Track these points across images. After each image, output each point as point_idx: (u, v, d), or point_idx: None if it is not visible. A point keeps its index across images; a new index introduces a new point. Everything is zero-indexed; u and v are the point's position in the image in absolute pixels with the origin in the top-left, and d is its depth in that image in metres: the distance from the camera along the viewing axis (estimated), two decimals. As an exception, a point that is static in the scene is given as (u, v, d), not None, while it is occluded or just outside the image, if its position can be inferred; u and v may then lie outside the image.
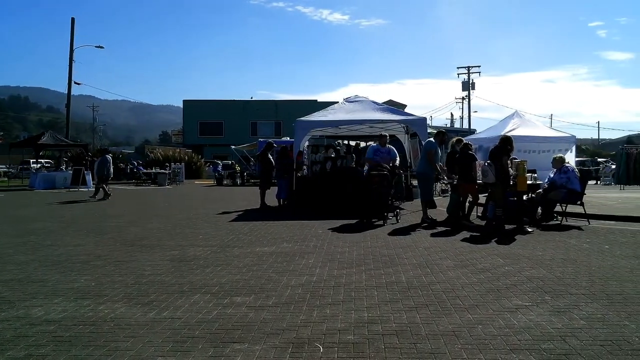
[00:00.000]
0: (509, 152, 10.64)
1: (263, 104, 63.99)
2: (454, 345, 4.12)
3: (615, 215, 12.41)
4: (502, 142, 10.68)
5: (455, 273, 6.67)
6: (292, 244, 9.02)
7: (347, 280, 6.35)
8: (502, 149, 10.57)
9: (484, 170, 10.42)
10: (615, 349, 4.02)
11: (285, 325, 4.65)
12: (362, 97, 17.66)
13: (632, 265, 7.03)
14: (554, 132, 22.96)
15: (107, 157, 20.96)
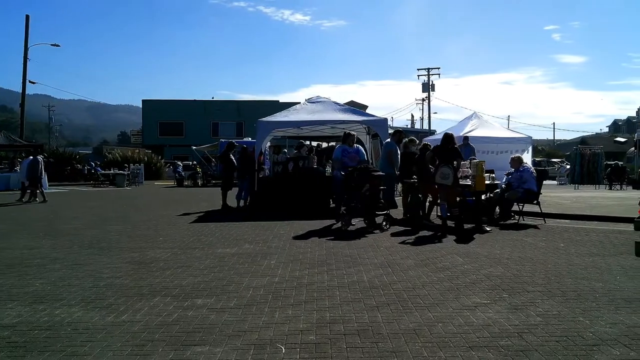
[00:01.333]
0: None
1: (224, 104, 63.52)
2: (415, 344, 4.17)
3: (570, 214, 12.76)
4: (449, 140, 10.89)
5: (415, 272, 6.74)
6: (254, 245, 8.98)
7: (309, 280, 6.36)
8: (457, 150, 10.85)
9: (446, 172, 10.43)
10: (570, 345, 4.13)
11: (247, 327, 4.62)
12: (324, 97, 17.70)
13: (586, 263, 7.24)
14: (511, 133, 23.51)
15: (38, 159, 20.07)
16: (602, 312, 4.97)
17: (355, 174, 10.94)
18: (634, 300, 5.37)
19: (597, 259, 7.53)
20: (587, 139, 70.03)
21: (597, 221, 11.88)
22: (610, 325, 4.57)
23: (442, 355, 3.94)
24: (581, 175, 25.78)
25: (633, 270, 6.74)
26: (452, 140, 10.95)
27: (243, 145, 16.89)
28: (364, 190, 10.76)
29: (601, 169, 26.09)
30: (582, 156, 26.21)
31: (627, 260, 7.41)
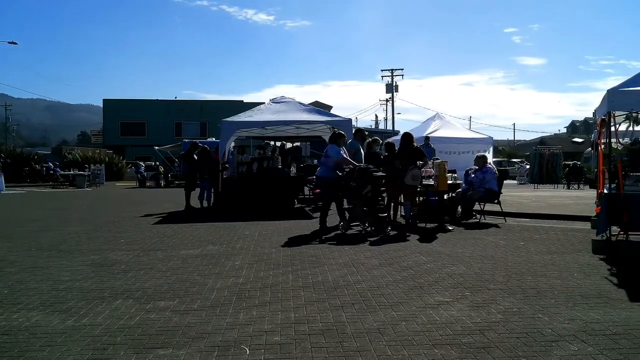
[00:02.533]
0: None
1: (188, 104, 62.82)
2: (379, 343, 4.20)
3: (530, 213, 13.04)
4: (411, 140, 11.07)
5: (380, 271, 6.79)
6: (218, 246, 8.91)
7: (273, 281, 6.34)
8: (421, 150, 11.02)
9: (417, 174, 10.46)
10: (530, 341, 4.22)
11: (211, 329, 4.58)
12: (288, 98, 17.68)
13: (545, 261, 7.40)
14: (473, 133, 23.87)
15: None
16: (560, 308, 5.10)
17: (356, 174, 10.22)
18: (591, 296, 5.52)
19: (556, 256, 7.71)
20: (546, 139, 71.69)
21: (555, 220, 12.18)
22: (568, 322, 4.68)
23: (405, 353, 3.98)
24: (540, 175, 26.36)
25: (590, 268, 6.92)
26: (412, 140, 11.08)
27: (204, 146, 16.75)
28: (365, 192, 10.12)
29: (559, 168, 26.74)
30: (541, 156, 26.80)
31: (584, 257, 7.61)
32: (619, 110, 8.12)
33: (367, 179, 10.16)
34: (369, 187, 10.11)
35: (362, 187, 10.09)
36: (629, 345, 4.10)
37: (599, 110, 8.96)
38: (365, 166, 10.55)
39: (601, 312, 4.94)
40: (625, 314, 4.89)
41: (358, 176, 10.16)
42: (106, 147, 53.85)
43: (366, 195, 10.11)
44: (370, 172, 10.28)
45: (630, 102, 7.86)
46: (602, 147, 9.23)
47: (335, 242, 9.18)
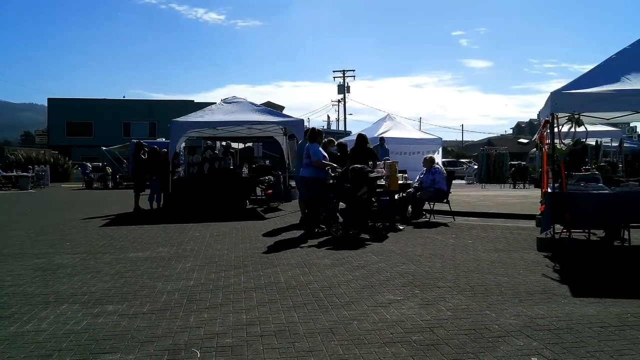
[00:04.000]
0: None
1: (136, 103, 61.53)
2: (331, 342, 4.22)
3: (478, 212, 13.35)
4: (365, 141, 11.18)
5: (332, 271, 6.82)
6: (168, 248, 8.77)
7: (225, 283, 6.29)
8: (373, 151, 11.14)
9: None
10: (478, 337, 4.31)
11: (161, 332, 4.51)
12: (240, 98, 17.56)
13: (492, 259, 7.59)
14: (423, 134, 24.33)
15: None
16: (506, 305, 5.23)
17: (351, 175, 9.65)
18: (536, 292, 5.69)
19: (502, 254, 7.91)
20: (493, 140, 73.40)
21: (502, 218, 12.50)
22: (514, 317, 4.81)
23: (357, 352, 4.01)
24: (487, 175, 26.97)
25: (535, 265, 7.13)
26: (366, 141, 11.25)
27: (153, 146, 16.46)
28: (360, 194, 9.61)
29: (506, 168, 27.41)
30: (488, 157, 27.43)
31: (529, 255, 7.83)
32: (562, 112, 8.37)
33: (363, 179, 9.70)
34: (365, 189, 9.68)
35: (358, 188, 9.62)
36: (571, 339, 4.24)
37: (543, 112, 9.24)
38: (361, 166, 9.93)
39: (545, 308, 5.10)
40: (568, 309, 5.05)
41: (353, 177, 9.66)
42: (51, 148, 52.16)
43: (362, 196, 9.67)
44: (367, 173, 9.81)
45: (573, 104, 8.12)
46: (546, 148, 9.52)
47: (288, 244, 9.17)
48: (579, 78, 8.43)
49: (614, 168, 16.66)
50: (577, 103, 8.07)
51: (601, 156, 19.05)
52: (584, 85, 8.10)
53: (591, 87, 7.98)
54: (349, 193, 9.68)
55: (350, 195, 9.70)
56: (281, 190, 17.00)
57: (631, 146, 31.22)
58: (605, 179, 9.20)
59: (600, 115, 9.97)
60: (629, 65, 8.31)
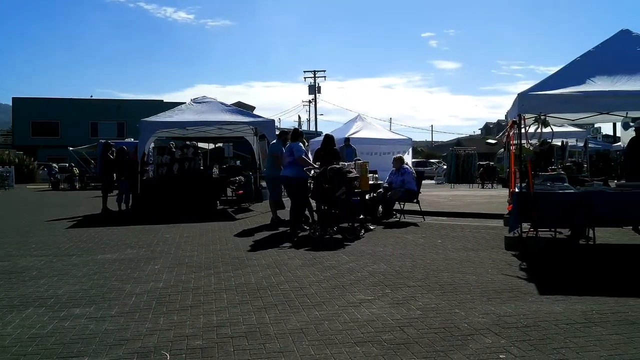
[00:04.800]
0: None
1: (104, 103, 60.50)
2: (302, 343, 4.22)
3: (447, 212, 13.50)
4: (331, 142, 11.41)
5: (303, 272, 6.82)
6: (137, 249, 8.66)
7: (195, 284, 6.24)
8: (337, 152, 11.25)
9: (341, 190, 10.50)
10: (447, 335, 4.36)
11: (130, 335, 4.45)
12: (210, 98, 17.43)
13: (461, 258, 7.68)
14: (393, 134, 24.48)
15: None
16: (475, 303, 5.30)
17: (329, 175, 9.61)
18: (504, 291, 5.77)
19: (471, 253, 8.01)
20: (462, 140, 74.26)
21: (471, 218, 12.66)
22: (483, 316, 4.88)
23: (328, 352, 4.02)
24: (457, 175, 27.28)
25: (503, 264, 7.24)
26: (333, 142, 11.40)
27: (121, 146, 16.25)
28: (339, 194, 9.57)
29: (474, 168, 27.76)
30: (457, 157, 27.75)
31: (497, 254, 7.94)
32: (529, 112, 8.52)
33: (342, 180, 9.64)
34: (343, 189, 9.63)
35: (336, 188, 9.57)
36: (538, 336, 4.31)
37: (511, 112, 9.39)
38: (339, 166, 9.96)
39: (513, 306, 5.18)
40: (535, 307, 5.14)
41: (332, 177, 9.62)
42: (16, 148, 50.97)
43: (340, 197, 9.62)
44: (345, 173, 9.79)
45: (539, 105, 8.27)
46: (514, 148, 9.67)
47: (259, 244, 9.13)
48: (545, 80, 8.60)
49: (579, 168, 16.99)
50: (544, 104, 8.23)
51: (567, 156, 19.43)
52: (550, 87, 8.26)
53: (557, 89, 8.15)
54: (327, 193, 9.68)
55: (328, 196, 9.71)
56: (252, 190, 16.94)
57: (596, 147, 32.02)
58: (570, 178, 9.36)
59: (565, 116, 10.18)
60: (593, 67, 8.51)
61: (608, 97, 8.00)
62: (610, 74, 8.31)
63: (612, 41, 9.07)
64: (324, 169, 9.87)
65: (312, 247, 8.67)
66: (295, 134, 11.17)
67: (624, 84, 8.08)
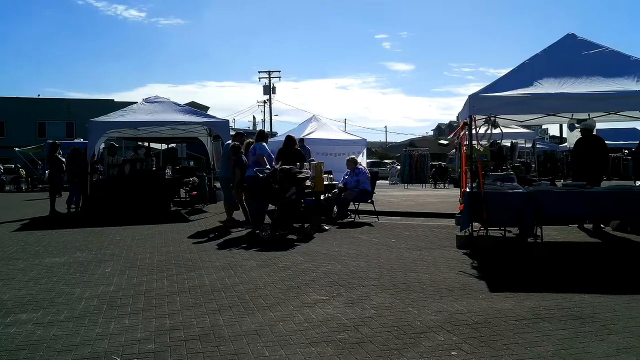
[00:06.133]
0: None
1: (52, 102, 58.68)
2: (257, 344, 4.20)
3: (401, 212, 13.65)
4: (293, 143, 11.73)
5: (258, 273, 6.79)
6: (87, 252, 8.45)
7: (147, 287, 6.13)
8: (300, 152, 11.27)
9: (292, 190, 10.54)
10: (401, 334, 4.41)
11: (79, 341, 4.33)
12: (163, 98, 17.16)
13: (415, 257, 7.78)
14: (348, 135, 24.63)
15: None
16: (428, 301, 5.39)
17: (279, 175, 9.62)
18: (456, 289, 5.88)
19: (424, 252, 8.13)
20: (415, 141, 75.29)
21: (424, 217, 12.84)
22: (435, 314, 4.96)
23: (283, 353, 4.01)
24: (410, 175, 27.66)
25: (454, 262, 7.37)
26: (295, 143, 11.52)
27: (74, 147, 15.84)
28: (289, 195, 9.59)
29: (427, 169, 28.22)
30: (410, 157, 28.13)
31: (449, 252, 8.09)
32: (480, 114, 8.71)
33: (292, 180, 9.64)
34: (293, 189, 9.65)
35: (286, 189, 9.58)
36: (489, 333, 4.41)
37: (462, 114, 9.58)
38: (289, 167, 9.98)
39: (465, 303, 5.28)
40: (485, 304, 5.26)
41: (282, 178, 9.61)
42: (-42, 149, 49.03)
43: (290, 198, 9.63)
44: (295, 174, 9.77)
45: (489, 107, 8.47)
46: (465, 149, 9.87)
47: (213, 246, 9.04)
48: (495, 82, 8.81)
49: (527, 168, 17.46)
50: (493, 106, 8.42)
51: (516, 157, 19.93)
52: (499, 89, 8.47)
53: (506, 91, 8.36)
54: (277, 194, 9.66)
55: (278, 196, 9.68)
56: (206, 191, 16.75)
57: (543, 147, 32.99)
58: (519, 178, 9.62)
59: (514, 117, 10.45)
60: (540, 70, 8.76)
61: (555, 99, 8.26)
62: (556, 76, 8.58)
63: (558, 45, 9.37)
64: (273, 169, 9.89)
65: (265, 248, 8.63)
66: (260, 135, 11.57)
67: (570, 86, 8.36)
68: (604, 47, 9.10)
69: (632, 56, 8.81)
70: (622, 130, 26.54)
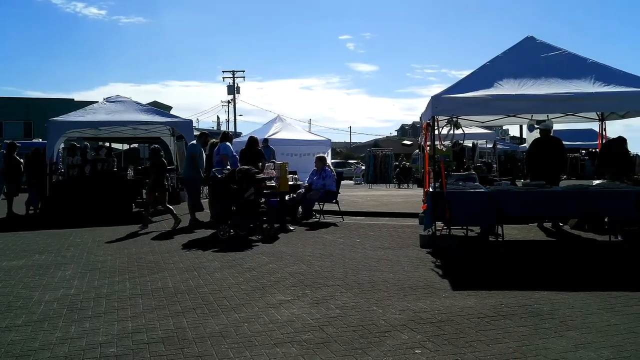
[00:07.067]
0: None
1: (9, 101, 57.20)
2: (221, 346, 4.17)
3: (365, 212, 13.74)
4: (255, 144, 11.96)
5: (222, 274, 6.74)
6: (46, 255, 8.26)
7: (109, 290, 6.03)
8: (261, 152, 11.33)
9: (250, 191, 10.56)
10: (365, 333, 4.44)
11: (38, 345, 4.24)
12: (124, 97, 16.87)
13: (379, 256, 7.84)
14: (313, 135, 24.64)
15: None
16: (392, 300, 5.44)
17: (237, 176, 9.59)
18: (419, 287, 5.95)
19: (389, 252, 8.20)
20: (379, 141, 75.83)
21: (388, 217, 12.94)
22: (399, 312, 5.01)
23: (247, 354, 3.99)
24: (374, 175, 27.85)
25: (418, 261, 7.46)
26: (256, 143, 11.61)
27: (36, 147, 15.46)
28: (247, 195, 9.54)
29: (391, 169, 28.46)
30: (375, 158, 28.34)
31: (413, 251, 8.18)
32: (442, 115, 8.83)
33: (250, 181, 9.61)
34: (252, 190, 9.61)
35: (245, 190, 9.54)
36: (452, 330, 4.48)
37: (425, 114, 9.70)
38: (248, 167, 9.96)
39: (428, 302, 5.35)
40: (448, 302, 5.34)
41: (240, 178, 9.58)
42: None
43: (248, 198, 9.58)
44: (254, 174, 9.76)
45: (451, 108, 8.60)
46: (428, 149, 9.98)
47: (177, 247, 8.94)
48: (457, 83, 8.94)
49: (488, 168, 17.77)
50: (455, 107, 8.55)
51: (477, 157, 20.26)
52: (461, 90, 8.60)
53: (467, 92, 8.49)
54: (236, 194, 9.62)
55: (237, 197, 9.64)
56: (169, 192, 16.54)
57: (503, 148, 33.61)
58: (481, 178, 9.78)
59: (476, 118, 10.63)
60: (501, 71, 8.93)
61: (515, 100, 8.43)
62: (516, 78, 8.76)
63: (518, 47, 9.57)
64: (232, 170, 9.93)
65: (229, 249, 8.57)
66: (224, 135, 11.94)
67: (529, 88, 8.54)
68: (562, 50, 9.34)
69: (589, 59, 9.06)
70: (580, 131, 27.25)
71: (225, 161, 10.79)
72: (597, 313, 4.92)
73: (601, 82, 8.45)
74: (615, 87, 8.32)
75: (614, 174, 9.66)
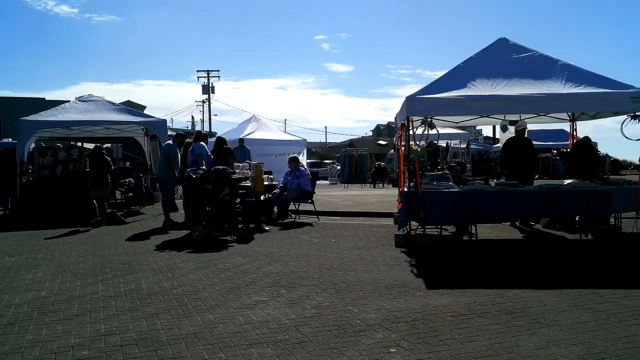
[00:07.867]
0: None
1: (-22, 100, 56.11)
2: (196, 347, 4.14)
3: (340, 212, 13.77)
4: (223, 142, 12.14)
5: (197, 275, 6.70)
6: (16, 257, 8.11)
7: (81, 292, 5.94)
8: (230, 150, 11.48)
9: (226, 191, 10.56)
10: (341, 333, 4.45)
11: (8, 349, 4.16)
12: (97, 96, 16.64)
13: (354, 256, 7.87)
14: (288, 135, 24.62)
15: None
16: (368, 300, 5.46)
17: (212, 176, 9.57)
18: (394, 287, 5.98)
19: (364, 251, 8.23)
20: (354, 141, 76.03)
21: (363, 217, 13.00)
22: (374, 312, 5.03)
23: (222, 356, 3.97)
24: (350, 175, 27.94)
25: (393, 260, 7.50)
26: (223, 142, 12.08)
27: (5, 147, 15.18)
28: (222, 195, 9.51)
29: (366, 169, 28.58)
30: (350, 157, 28.43)
31: (388, 251, 8.22)
32: (417, 115, 8.90)
33: (225, 181, 9.58)
34: (227, 190, 9.58)
35: (220, 190, 9.51)
36: (426, 329, 4.51)
37: (400, 115, 9.76)
38: (222, 167, 9.91)
39: (403, 301, 5.38)
40: (423, 301, 5.38)
41: (215, 178, 9.55)
42: None
43: (223, 198, 9.54)
44: (229, 174, 9.74)
45: (425, 108, 8.67)
46: (402, 150, 10.05)
47: (150, 248, 8.85)
48: (431, 84, 9.02)
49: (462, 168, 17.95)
50: (430, 107, 8.62)
51: (451, 157, 20.46)
52: (435, 91, 8.68)
53: (442, 93, 8.57)
54: (211, 194, 9.57)
55: (212, 197, 9.59)
56: (143, 193, 16.39)
57: (477, 148, 34.00)
58: (455, 178, 9.89)
59: (450, 118, 10.72)
60: (474, 72, 9.03)
61: (488, 100, 8.54)
62: (489, 78, 8.88)
63: (491, 48, 9.70)
64: (207, 170, 9.89)
65: (203, 250, 8.52)
66: (198, 135, 12.12)
67: (502, 88, 8.66)
68: (534, 51, 9.49)
69: (560, 60, 9.22)
70: (551, 131, 27.71)
71: (200, 161, 10.78)
72: (568, 310, 5.00)
73: (572, 83, 8.62)
74: (586, 87, 8.49)
75: (584, 173, 9.86)
